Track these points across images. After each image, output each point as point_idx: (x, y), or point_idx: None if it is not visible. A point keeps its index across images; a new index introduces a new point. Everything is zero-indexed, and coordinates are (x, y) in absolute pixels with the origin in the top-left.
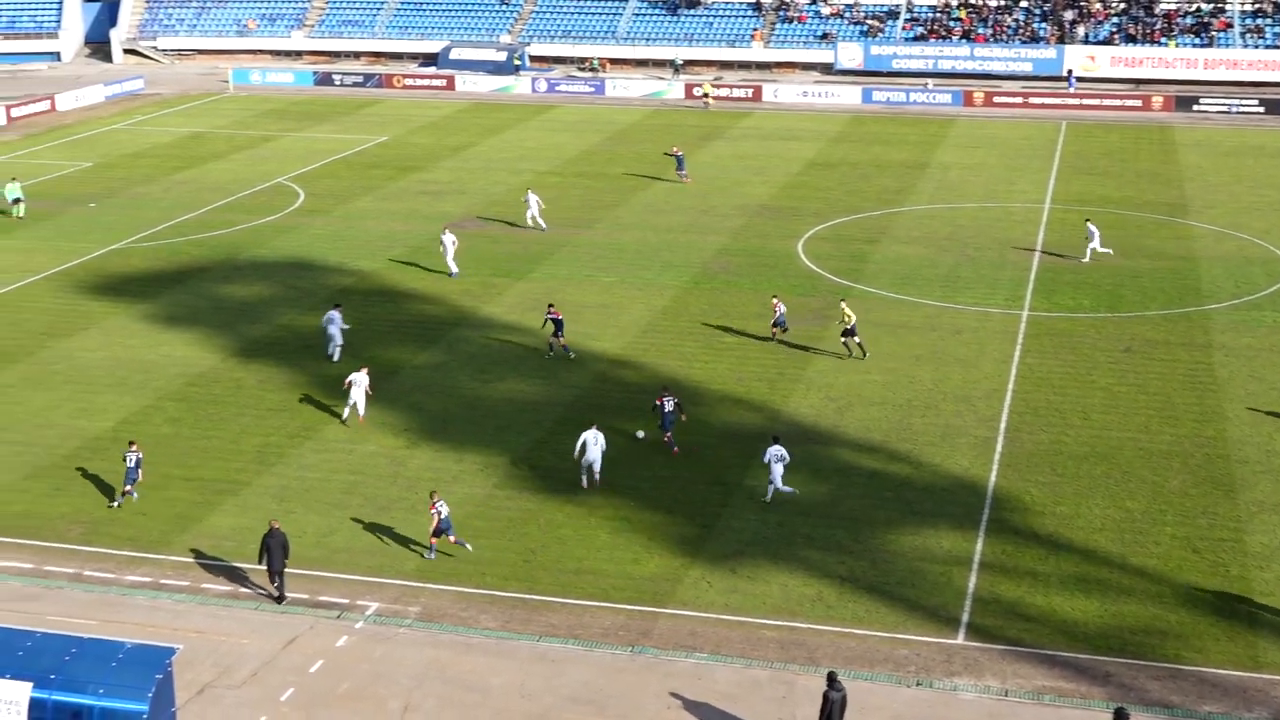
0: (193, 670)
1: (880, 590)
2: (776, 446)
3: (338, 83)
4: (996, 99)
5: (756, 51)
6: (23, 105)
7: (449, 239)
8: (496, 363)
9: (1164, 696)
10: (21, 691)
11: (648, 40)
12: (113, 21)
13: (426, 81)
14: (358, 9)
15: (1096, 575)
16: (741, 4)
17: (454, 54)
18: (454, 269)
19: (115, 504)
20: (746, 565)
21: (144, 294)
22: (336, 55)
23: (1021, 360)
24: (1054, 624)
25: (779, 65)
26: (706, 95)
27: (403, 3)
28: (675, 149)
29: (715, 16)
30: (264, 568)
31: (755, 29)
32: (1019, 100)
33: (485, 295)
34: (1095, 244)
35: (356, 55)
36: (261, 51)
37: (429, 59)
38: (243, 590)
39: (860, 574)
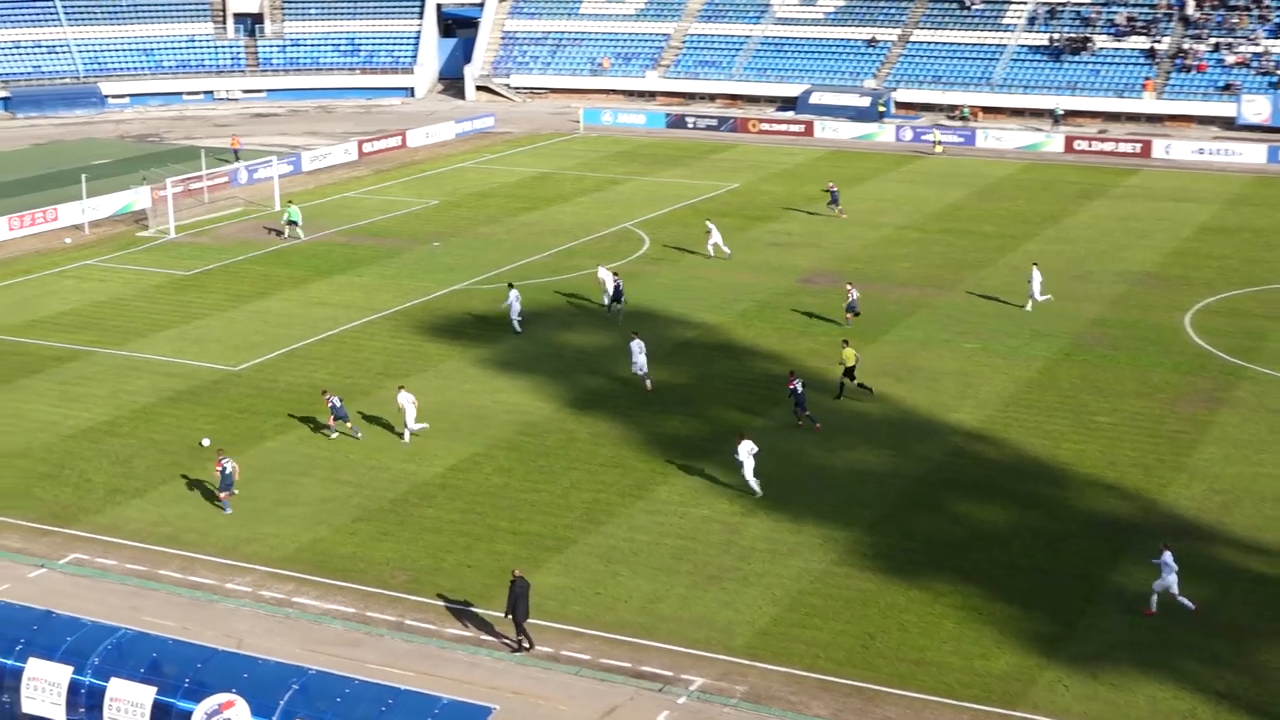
0: None
1: (1263, 711)
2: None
3: (690, 126)
4: None
5: (1148, 103)
6: (374, 141)
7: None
8: (843, 429)
9: None
10: None
11: (1026, 88)
12: (467, 58)
13: (783, 127)
14: (716, 50)
15: None
16: (1133, 50)
17: (814, 98)
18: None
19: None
20: (1109, 670)
21: (481, 337)
22: (691, 97)
23: None
24: None
25: (1172, 118)
26: (938, 142)
27: (763, 43)
28: (831, 185)
29: (1103, 64)
30: (503, 616)
31: (1147, 78)
32: None
33: (834, 355)
34: (1035, 291)
35: (711, 97)
36: (614, 92)
37: (787, 103)
38: (563, 653)
39: (1241, 691)
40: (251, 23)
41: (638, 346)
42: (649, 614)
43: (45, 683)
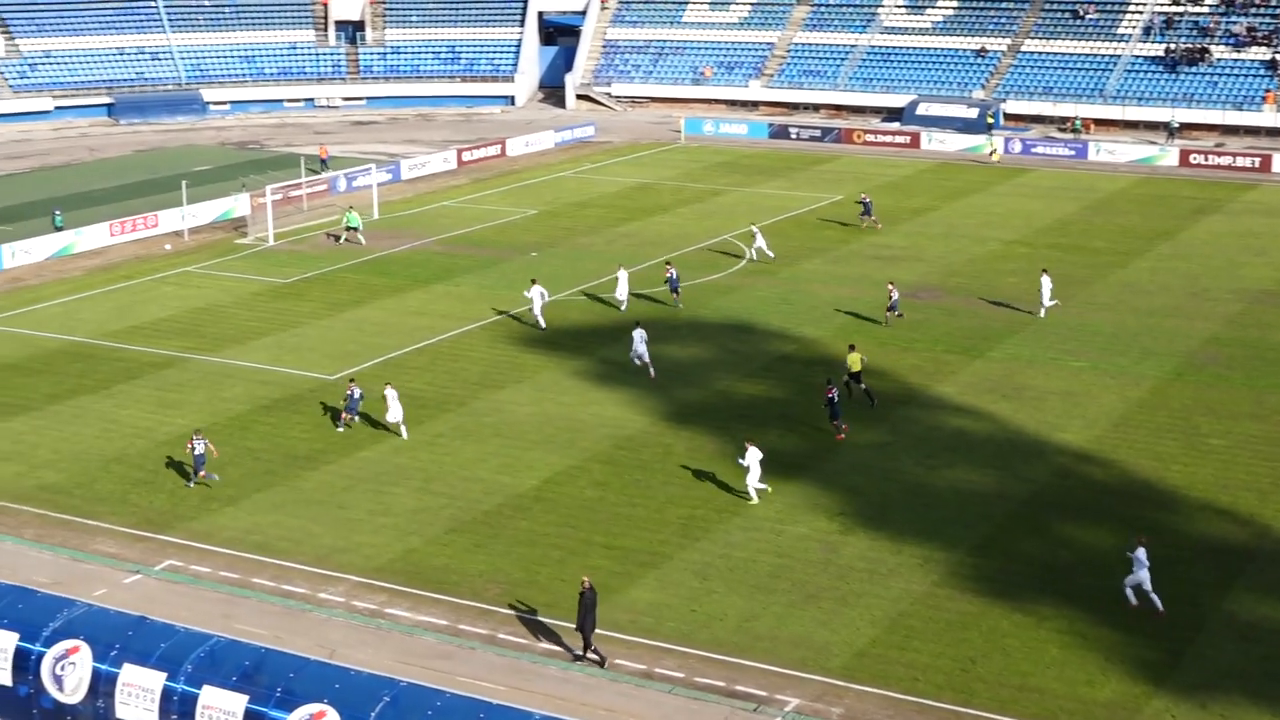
0: None
1: None
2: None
3: (793, 136)
4: None
5: (1268, 116)
6: (474, 149)
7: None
8: (946, 448)
9: None
10: None
11: (1140, 100)
12: (568, 66)
13: (889, 138)
14: (820, 59)
15: None
16: (1253, 62)
17: (921, 109)
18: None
19: (341, 428)
20: (1220, 700)
21: (578, 349)
22: (794, 107)
23: None
24: None
25: None
26: (993, 151)
27: (869, 53)
28: (864, 196)
29: (1221, 75)
30: (574, 629)
31: (1268, 90)
32: None
33: (937, 373)
34: (1045, 298)
35: (815, 108)
36: (716, 101)
37: (893, 114)
38: (657, 670)
39: None
40: (353, 30)
41: (639, 336)
42: (744, 632)
43: (139, 689)
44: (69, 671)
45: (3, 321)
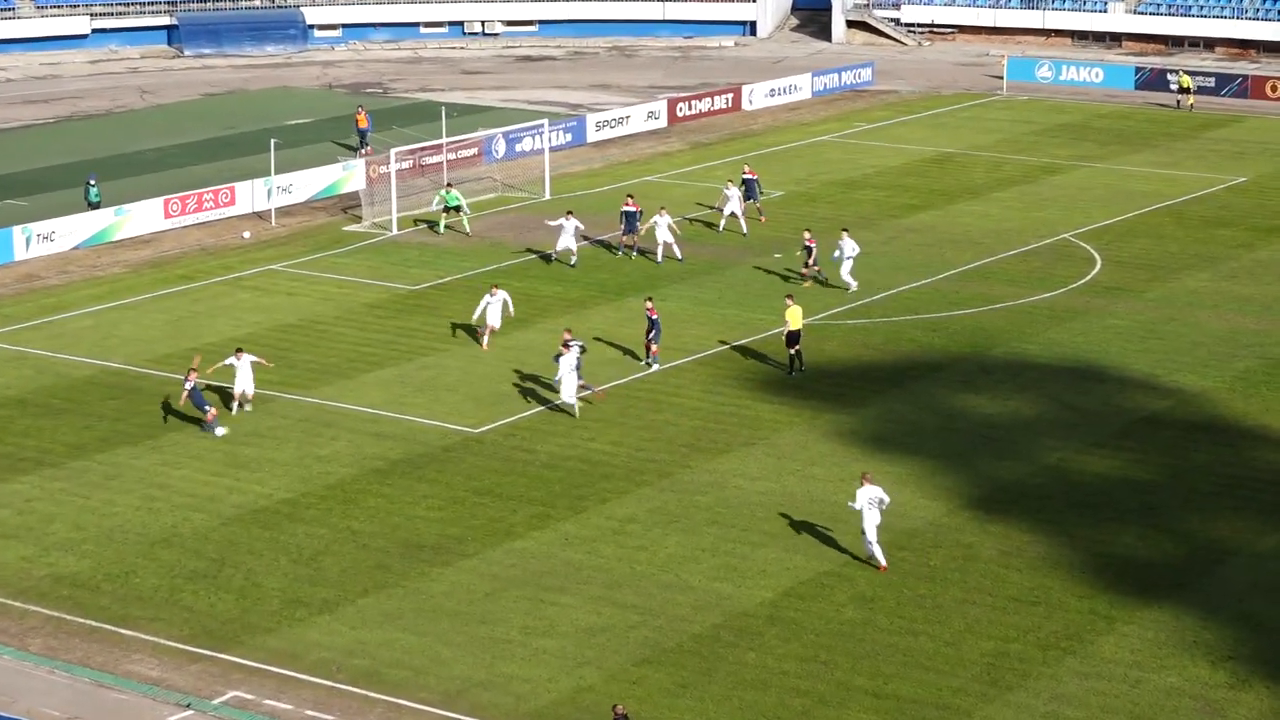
0: None
1: None
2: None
3: (1173, 87)
4: None
5: None
6: (693, 99)
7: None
8: None
9: None
10: None
11: None
12: None
13: None
14: None
15: None
16: None
17: None
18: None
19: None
20: None
21: (840, 396)
22: (1175, 42)
23: None
24: None
25: None
26: (1186, 89)
27: None
28: (747, 170)
29: None
30: None
31: None
32: None
33: None
34: (845, 270)
35: (1208, 44)
36: (1057, 32)
37: None
38: None
39: None
40: None
41: (571, 225)
42: None
43: None
44: None
45: (10, 338)
